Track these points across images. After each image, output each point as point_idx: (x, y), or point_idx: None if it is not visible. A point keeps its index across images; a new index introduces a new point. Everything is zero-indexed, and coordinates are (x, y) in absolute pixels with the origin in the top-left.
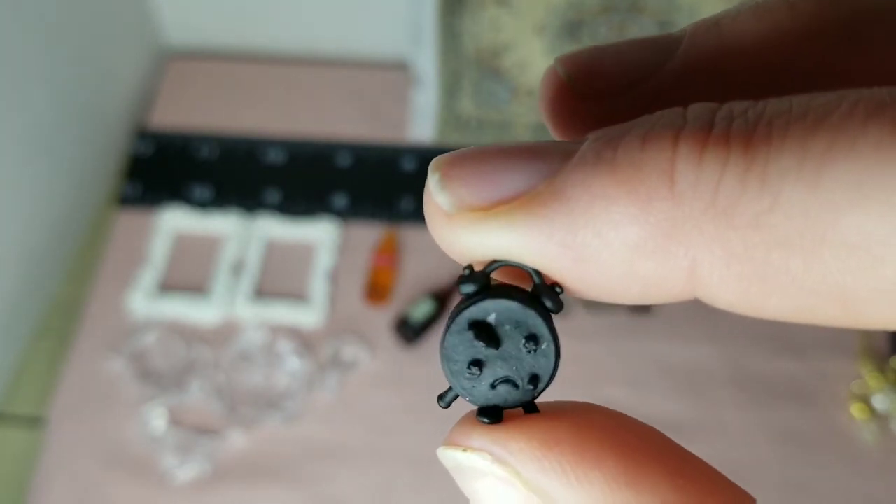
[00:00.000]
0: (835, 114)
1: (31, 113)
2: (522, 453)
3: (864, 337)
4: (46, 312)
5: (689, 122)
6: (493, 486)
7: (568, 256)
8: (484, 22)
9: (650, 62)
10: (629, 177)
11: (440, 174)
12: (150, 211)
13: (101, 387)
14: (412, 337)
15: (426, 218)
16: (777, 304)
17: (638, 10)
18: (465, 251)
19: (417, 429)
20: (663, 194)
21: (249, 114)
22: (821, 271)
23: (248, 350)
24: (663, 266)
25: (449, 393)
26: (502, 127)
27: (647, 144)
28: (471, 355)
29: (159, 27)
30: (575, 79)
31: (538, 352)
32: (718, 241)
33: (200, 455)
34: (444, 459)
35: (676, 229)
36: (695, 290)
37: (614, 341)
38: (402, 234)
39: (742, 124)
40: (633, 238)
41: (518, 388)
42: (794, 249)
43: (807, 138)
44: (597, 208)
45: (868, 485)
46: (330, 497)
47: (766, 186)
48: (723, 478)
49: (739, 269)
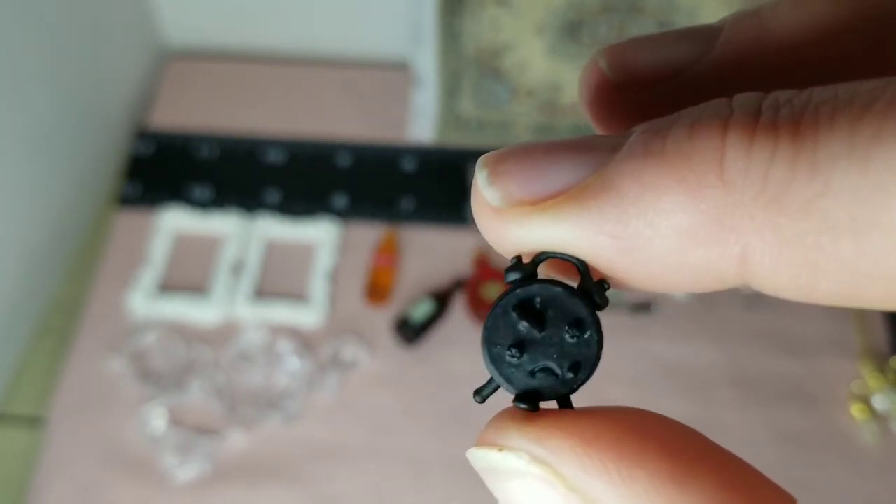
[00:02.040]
0: (881, 99)
1: (31, 113)
2: (563, 451)
3: (864, 337)
4: (46, 312)
5: (735, 111)
6: (529, 487)
7: (618, 247)
8: (484, 22)
9: (690, 53)
10: (679, 166)
11: (488, 170)
12: (150, 211)
13: (101, 387)
14: (412, 337)
15: (474, 213)
16: (827, 288)
17: (638, 11)
18: (514, 245)
19: (417, 429)
20: (713, 182)
21: (249, 114)
22: (872, 254)
23: (248, 350)
24: (715, 253)
25: (487, 386)
26: (502, 127)
27: (695, 134)
28: (513, 337)
29: (159, 27)
30: (615, 71)
31: (581, 340)
32: (770, 228)
33: (200, 455)
34: (474, 461)
35: (727, 216)
36: (746, 276)
37: (614, 341)
38: (402, 234)
39: (789, 112)
40: (684, 226)
41: (558, 378)
42: (845, 233)
43: (855, 124)
44: (648, 198)
45: (868, 485)
46: (330, 497)
47: (816, 172)
48: (765, 478)
49: (790, 254)
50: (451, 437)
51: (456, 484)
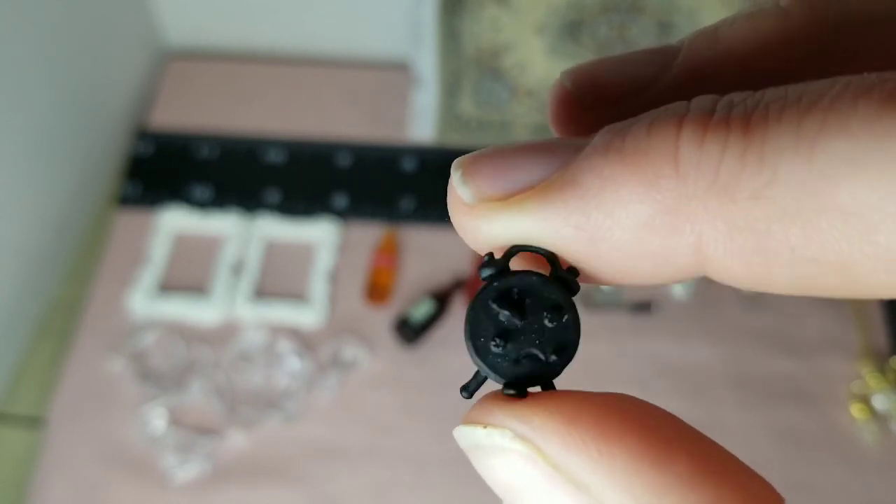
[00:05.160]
0: (827, 95)
1: (31, 113)
2: (545, 428)
3: (864, 337)
4: (46, 312)
5: (692, 110)
6: (512, 464)
7: (582, 238)
8: (484, 22)
9: (651, 72)
10: (637, 160)
11: (462, 170)
12: (150, 211)
13: (101, 387)
14: (412, 337)
15: (450, 212)
16: (780, 274)
17: (638, 11)
18: (485, 240)
19: (417, 429)
20: (668, 174)
21: (249, 114)
22: (819, 240)
23: (248, 350)
24: (671, 242)
25: (472, 381)
26: (502, 127)
27: (652, 131)
28: (496, 327)
29: (159, 27)
30: (581, 90)
31: (560, 324)
32: (721, 216)
33: (200, 455)
34: (460, 438)
35: (682, 206)
36: (702, 265)
37: (614, 341)
38: (402, 234)
39: (741, 110)
40: (642, 216)
41: (542, 362)
42: (793, 220)
43: (802, 118)
44: (608, 190)
45: (868, 485)
46: (330, 497)
47: (765, 163)
48: (744, 466)
49: (742, 241)
50: (451, 436)
51: (456, 483)
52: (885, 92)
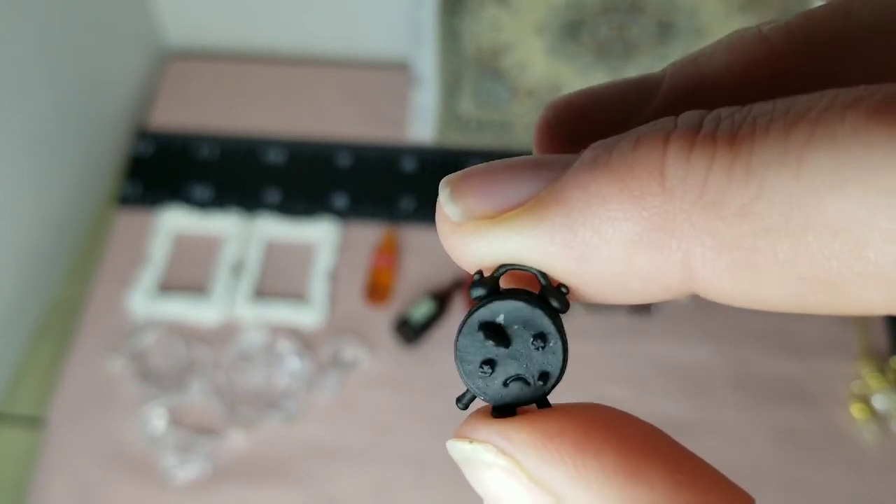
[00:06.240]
0: (815, 109)
1: (31, 113)
2: (524, 444)
3: (864, 337)
4: (46, 312)
5: (679, 126)
6: (497, 477)
7: (570, 256)
8: (484, 22)
9: (633, 102)
10: (623, 175)
11: (450, 188)
12: (150, 211)
13: (101, 387)
14: (412, 337)
15: (438, 230)
16: (768, 292)
17: (638, 11)
18: (474, 258)
19: (417, 429)
20: (655, 190)
21: (249, 114)
22: (807, 256)
23: (248, 350)
24: (658, 259)
25: (466, 394)
26: (502, 127)
27: (639, 146)
28: (483, 355)
29: (159, 27)
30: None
31: (546, 349)
32: (708, 232)
33: (200, 455)
34: (452, 452)
35: (669, 222)
36: (690, 283)
37: (614, 341)
38: (402, 234)
39: (728, 124)
40: (628, 233)
41: (530, 385)
42: (780, 236)
43: (788, 131)
44: (594, 207)
45: (868, 485)
46: (330, 497)
47: (751, 177)
48: (722, 477)
49: (730, 258)
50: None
51: (456, 484)
52: (874, 103)
